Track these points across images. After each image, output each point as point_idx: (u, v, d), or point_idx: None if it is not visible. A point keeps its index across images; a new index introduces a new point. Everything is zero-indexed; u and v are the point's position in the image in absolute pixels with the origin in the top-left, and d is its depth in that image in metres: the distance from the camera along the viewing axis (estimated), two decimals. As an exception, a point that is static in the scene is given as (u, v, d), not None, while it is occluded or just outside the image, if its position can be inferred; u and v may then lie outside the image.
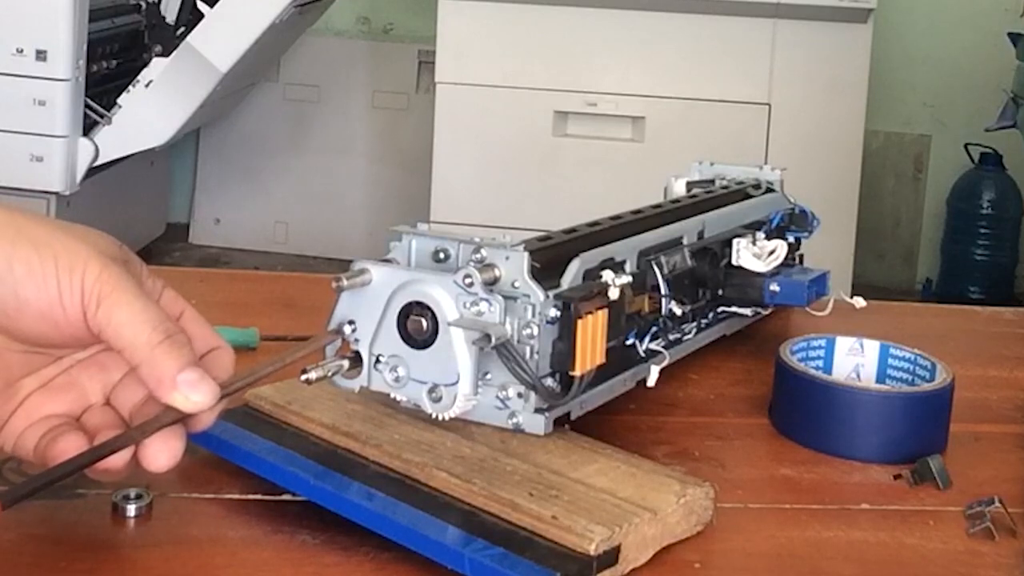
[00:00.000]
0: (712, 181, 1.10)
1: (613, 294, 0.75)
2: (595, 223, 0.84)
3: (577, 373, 0.72)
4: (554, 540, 0.65)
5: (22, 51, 3.18)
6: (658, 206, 0.95)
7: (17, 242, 0.57)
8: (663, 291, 0.85)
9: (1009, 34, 3.64)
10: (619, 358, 0.81)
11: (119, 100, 3.42)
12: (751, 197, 1.06)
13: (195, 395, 0.58)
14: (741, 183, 1.09)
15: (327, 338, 0.71)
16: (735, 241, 0.96)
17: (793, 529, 0.74)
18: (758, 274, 0.96)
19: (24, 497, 0.55)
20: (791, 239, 1.05)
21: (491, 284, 0.70)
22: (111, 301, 0.57)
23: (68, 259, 0.57)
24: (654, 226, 0.88)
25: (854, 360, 0.91)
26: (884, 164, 4.18)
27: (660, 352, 0.84)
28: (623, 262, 0.82)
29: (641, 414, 0.88)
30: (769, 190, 1.09)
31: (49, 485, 0.57)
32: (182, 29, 3.57)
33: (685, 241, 0.91)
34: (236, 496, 0.73)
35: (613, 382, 0.81)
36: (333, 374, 0.70)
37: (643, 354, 0.84)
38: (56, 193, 3.28)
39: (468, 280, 0.68)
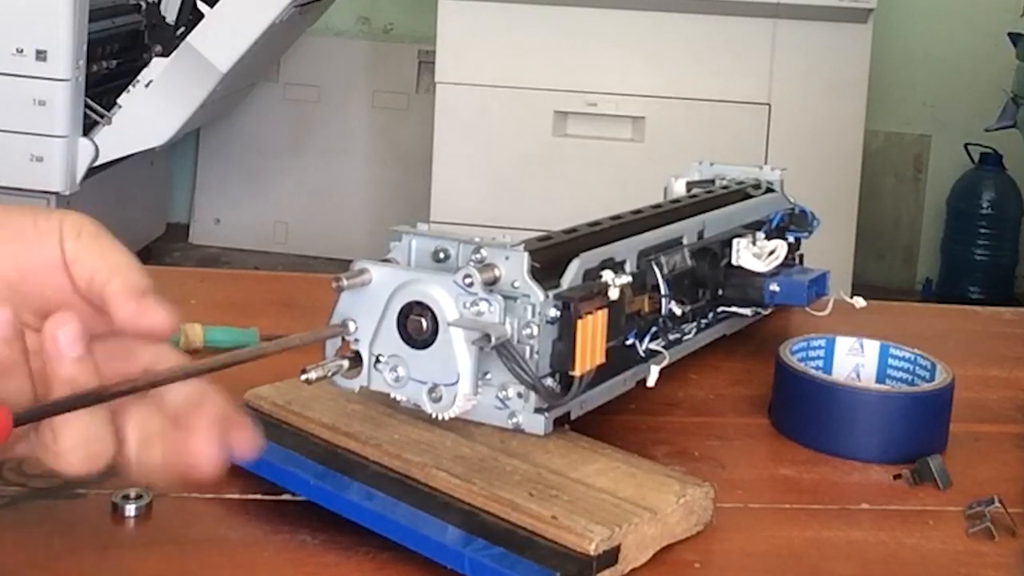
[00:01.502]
0: (712, 181, 1.10)
1: (613, 294, 0.75)
2: (595, 223, 0.84)
3: (577, 373, 0.72)
4: (554, 540, 0.65)
5: (22, 51, 3.18)
6: (658, 206, 0.95)
7: (10, 205, 0.60)
8: (663, 291, 0.85)
9: (1009, 34, 3.64)
10: (619, 358, 0.81)
11: (119, 100, 3.42)
12: (751, 197, 1.06)
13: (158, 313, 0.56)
14: (741, 183, 1.09)
15: (330, 331, 0.71)
16: (735, 241, 0.96)
17: (793, 529, 0.74)
18: (758, 274, 0.96)
19: (36, 418, 0.54)
20: (791, 239, 1.05)
21: (491, 284, 0.70)
22: (91, 233, 0.58)
23: (49, 211, 0.59)
24: (654, 226, 0.88)
25: (854, 360, 0.91)
26: (884, 164, 4.18)
27: (660, 352, 0.84)
28: (623, 262, 0.82)
29: (641, 414, 0.88)
30: (769, 190, 1.09)
31: (68, 409, 0.55)
32: (182, 29, 3.57)
33: (685, 241, 0.91)
34: (236, 496, 0.73)
35: (613, 382, 0.81)
36: (333, 374, 0.70)
37: (643, 354, 0.84)
38: (56, 193, 3.28)
39: (468, 280, 0.68)
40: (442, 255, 0.73)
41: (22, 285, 0.57)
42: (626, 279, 0.76)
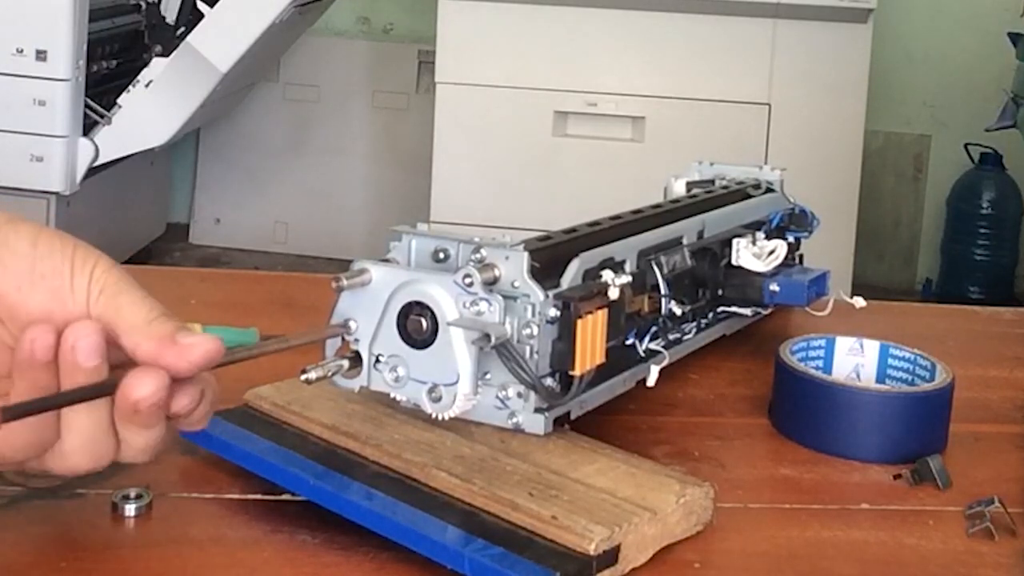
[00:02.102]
0: (712, 181, 1.10)
1: (613, 294, 0.75)
2: (595, 223, 0.84)
3: (577, 373, 0.72)
4: (554, 540, 0.65)
5: (22, 51, 3.18)
6: (658, 206, 0.95)
7: (44, 229, 0.62)
8: (663, 291, 0.85)
9: (1009, 34, 3.63)
10: (619, 358, 0.81)
11: (119, 100, 3.42)
12: (751, 197, 1.06)
13: (197, 348, 0.58)
14: (741, 183, 1.09)
15: (330, 331, 0.71)
16: (735, 241, 0.96)
17: (793, 529, 0.74)
18: (758, 274, 0.96)
19: (27, 413, 0.55)
20: (791, 239, 1.05)
21: (491, 284, 0.70)
22: (115, 289, 0.60)
23: (84, 252, 0.61)
24: (654, 226, 0.88)
25: (854, 360, 0.91)
26: (884, 164, 4.18)
27: (660, 352, 0.84)
28: (623, 262, 0.82)
29: (641, 414, 0.88)
30: (769, 190, 1.09)
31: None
32: (182, 29, 3.57)
33: (685, 241, 0.91)
34: (236, 496, 0.73)
35: (613, 382, 0.81)
36: (333, 374, 0.70)
37: (643, 354, 0.84)
38: (56, 193, 3.28)
39: (468, 280, 0.68)
40: (442, 255, 0.73)
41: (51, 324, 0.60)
42: (626, 279, 0.76)
